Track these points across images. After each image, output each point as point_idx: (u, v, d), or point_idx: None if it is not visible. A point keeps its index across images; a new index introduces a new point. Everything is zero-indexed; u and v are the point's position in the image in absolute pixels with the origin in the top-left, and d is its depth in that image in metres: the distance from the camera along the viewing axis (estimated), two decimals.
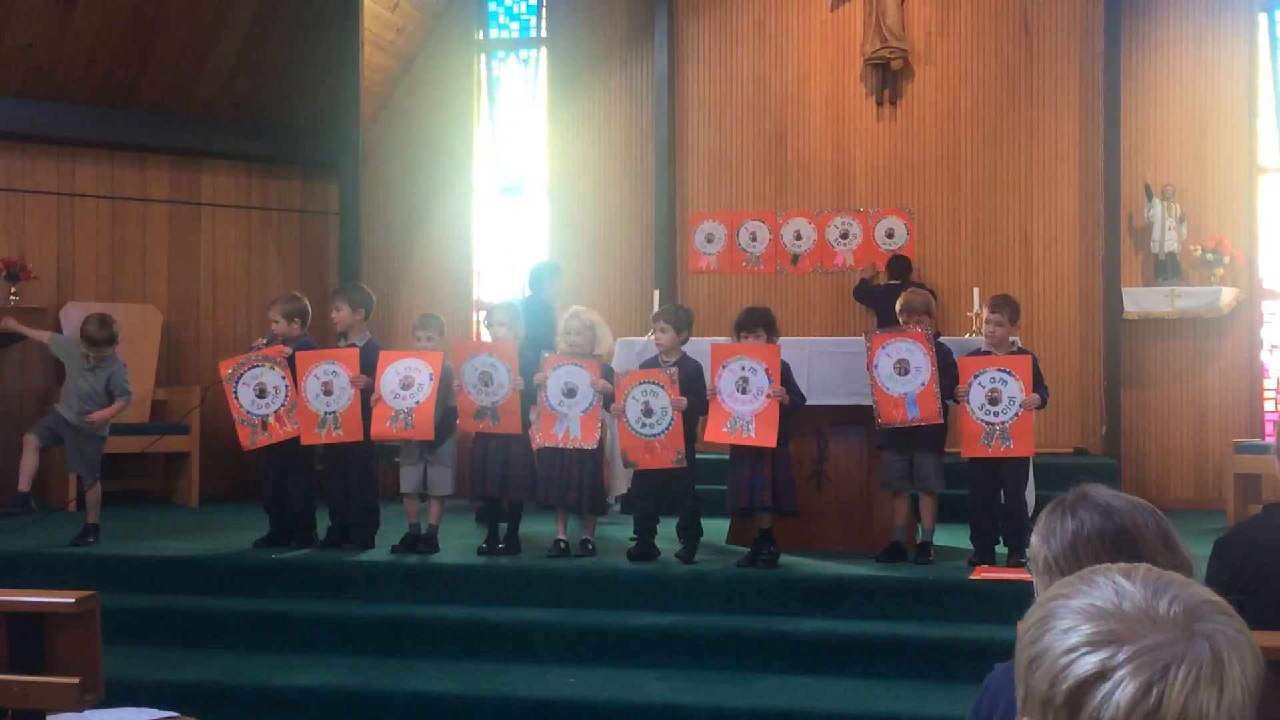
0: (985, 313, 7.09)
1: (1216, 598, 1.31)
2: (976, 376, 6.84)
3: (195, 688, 5.88)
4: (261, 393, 7.33)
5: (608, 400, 7.05)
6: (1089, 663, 1.24)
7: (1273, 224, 10.30)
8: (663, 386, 6.86)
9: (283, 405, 7.33)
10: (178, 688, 5.85)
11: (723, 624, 6.30)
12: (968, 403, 6.82)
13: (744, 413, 6.75)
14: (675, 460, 6.87)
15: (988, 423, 6.80)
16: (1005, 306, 7.02)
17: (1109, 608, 1.28)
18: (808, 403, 7.02)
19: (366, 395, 7.22)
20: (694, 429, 7.22)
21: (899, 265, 10.37)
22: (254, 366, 7.36)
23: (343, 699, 5.80)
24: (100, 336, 7.72)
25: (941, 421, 6.95)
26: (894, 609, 6.37)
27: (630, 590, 6.67)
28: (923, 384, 6.87)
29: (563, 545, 7.07)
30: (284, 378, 7.32)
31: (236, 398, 7.33)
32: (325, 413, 7.25)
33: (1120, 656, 1.23)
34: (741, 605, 6.50)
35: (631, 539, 7.09)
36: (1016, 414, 6.77)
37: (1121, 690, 1.22)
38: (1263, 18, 10.30)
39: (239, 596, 6.95)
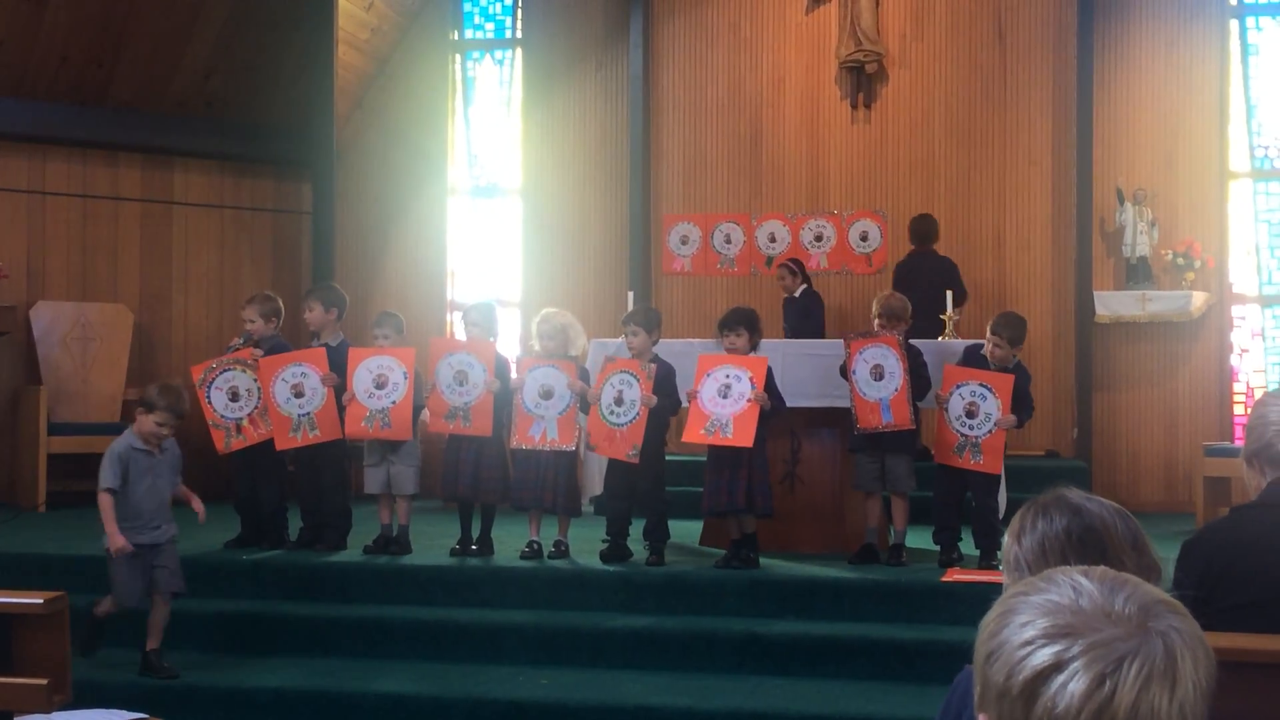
0: (987, 334, 7.10)
1: (1170, 598, 1.33)
2: (958, 387, 6.89)
3: (164, 688, 5.86)
4: (234, 396, 7.31)
5: (584, 402, 7.06)
6: (1044, 655, 1.27)
7: (1243, 229, 10.37)
8: (638, 379, 6.88)
9: (256, 408, 7.31)
10: (147, 689, 5.82)
11: (696, 625, 6.31)
12: (946, 411, 6.88)
13: (722, 415, 6.77)
14: (629, 454, 6.89)
15: (962, 434, 6.87)
16: (1005, 328, 7.02)
17: (1066, 603, 1.31)
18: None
19: (339, 394, 7.20)
20: (663, 433, 7.23)
21: (924, 228, 10.06)
22: (226, 370, 7.33)
23: (314, 700, 5.79)
24: (184, 407, 6.29)
25: (913, 427, 6.99)
26: (866, 611, 6.39)
27: (604, 591, 6.68)
28: (895, 389, 6.92)
29: (536, 546, 7.06)
30: (256, 380, 7.30)
31: (209, 402, 7.30)
32: (299, 415, 7.22)
33: (1075, 649, 1.26)
34: (714, 607, 6.51)
35: (604, 540, 7.09)
36: (990, 430, 6.82)
37: (1076, 681, 1.24)
38: (1234, 24, 10.37)
39: (210, 597, 6.91)
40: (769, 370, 6.91)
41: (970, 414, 6.83)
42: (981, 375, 6.92)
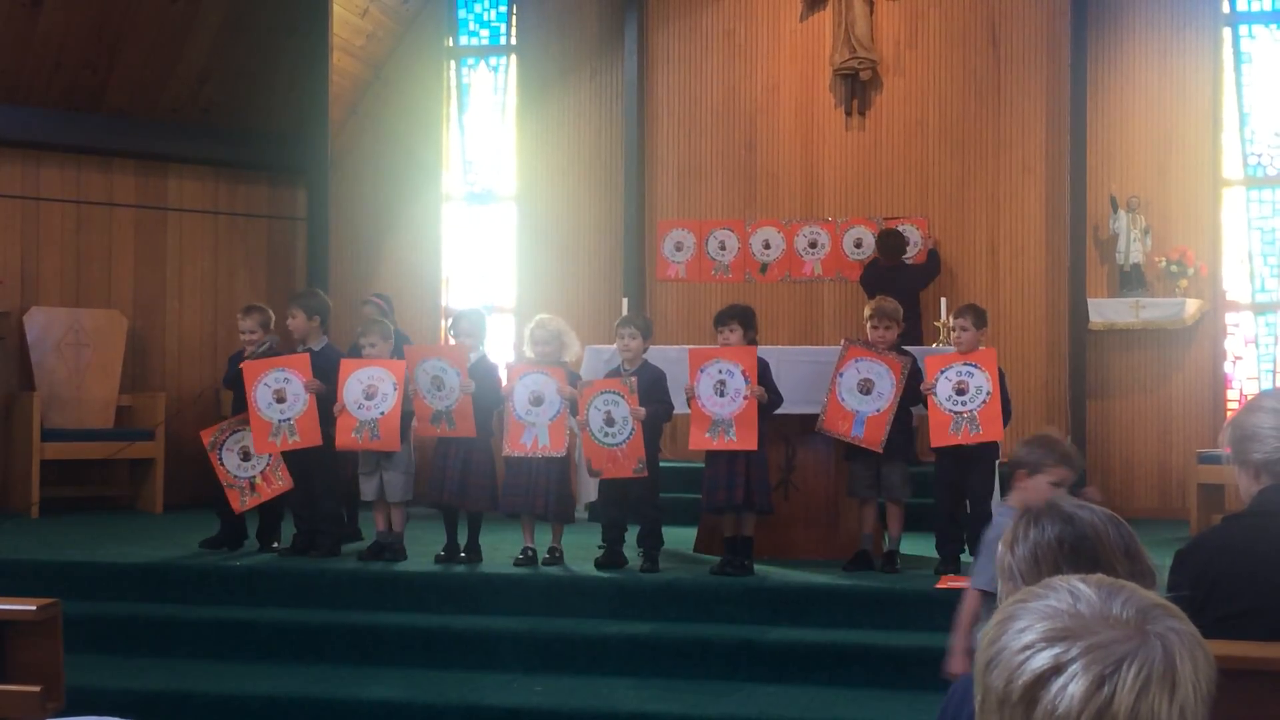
0: (951, 321, 7.21)
1: (1167, 602, 1.33)
2: (943, 371, 6.94)
3: (158, 696, 5.84)
4: (245, 456, 7.47)
5: (575, 407, 7.05)
6: (1044, 658, 1.27)
7: (1236, 236, 10.39)
8: (622, 396, 6.88)
9: (268, 464, 7.38)
10: (140, 696, 5.81)
11: (690, 632, 6.30)
12: (935, 395, 6.92)
13: (724, 416, 6.79)
14: (636, 469, 6.89)
15: (955, 412, 6.89)
16: (968, 312, 7.15)
17: (1064, 608, 1.31)
18: (775, 412, 7.04)
19: (323, 400, 7.21)
20: (657, 440, 7.23)
21: (891, 243, 10.21)
22: (235, 431, 7.45)
23: (307, 707, 5.77)
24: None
25: (880, 452, 6.97)
26: (861, 618, 6.38)
27: (598, 598, 6.67)
28: (877, 410, 6.92)
29: (530, 553, 7.06)
30: None
31: (222, 464, 7.44)
32: (279, 420, 7.25)
33: (1074, 652, 1.26)
34: (709, 614, 6.51)
35: (600, 547, 7.08)
36: (984, 401, 6.85)
37: (1075, 684, 1.24)
38: (1226, 32, 10.39)
39: (203, 604, 6.90)
40: (766, 365, 6.93)
41: (960, 391, 6.87)
42: (963, 355, 7.00)
